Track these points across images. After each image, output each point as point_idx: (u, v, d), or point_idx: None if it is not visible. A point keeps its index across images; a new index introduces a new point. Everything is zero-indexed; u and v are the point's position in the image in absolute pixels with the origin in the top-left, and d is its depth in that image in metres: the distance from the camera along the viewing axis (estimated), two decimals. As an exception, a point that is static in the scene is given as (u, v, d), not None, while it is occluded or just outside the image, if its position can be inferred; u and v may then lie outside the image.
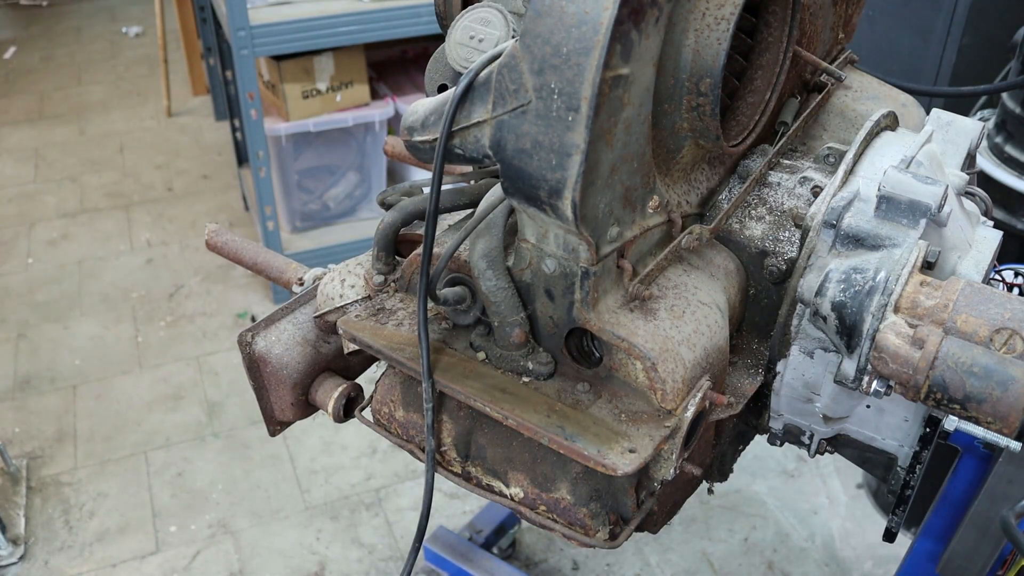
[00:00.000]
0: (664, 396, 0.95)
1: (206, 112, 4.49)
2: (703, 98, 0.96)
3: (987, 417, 0.86)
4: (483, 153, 0.89)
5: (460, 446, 1.08)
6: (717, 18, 0.94)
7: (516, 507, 1.05)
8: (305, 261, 1.53)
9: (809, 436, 1.16)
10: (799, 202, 1.12)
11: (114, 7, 5.75)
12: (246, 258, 1.40)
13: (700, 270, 1.06)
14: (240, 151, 3.61)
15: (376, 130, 3.14)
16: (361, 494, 2.50)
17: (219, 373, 2.91)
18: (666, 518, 1.16)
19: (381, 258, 1.12)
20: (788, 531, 2.39)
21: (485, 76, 0.86)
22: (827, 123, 1.28)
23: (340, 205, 3.28)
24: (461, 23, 1.02)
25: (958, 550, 1.18)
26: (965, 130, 1.19)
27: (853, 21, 1.38)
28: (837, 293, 0.94)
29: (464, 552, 2.03)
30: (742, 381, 1.10)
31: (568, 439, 0.93)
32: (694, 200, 1.08)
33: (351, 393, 1.22)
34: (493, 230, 0.99)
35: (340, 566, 2.31)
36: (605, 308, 0.96)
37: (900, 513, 1.15)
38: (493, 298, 0.98)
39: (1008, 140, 1.91)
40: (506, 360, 1.01)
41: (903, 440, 1.11)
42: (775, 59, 1.10)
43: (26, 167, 4.08)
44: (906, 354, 0.89)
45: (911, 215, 0.98)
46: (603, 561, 2.32)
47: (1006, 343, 0.87)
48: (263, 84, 3.05)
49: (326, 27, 2.78)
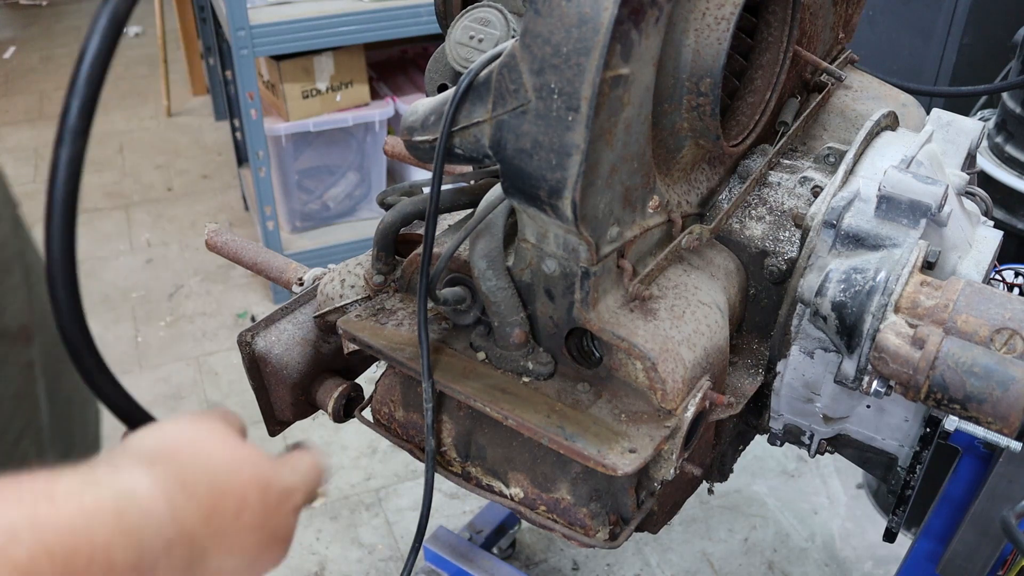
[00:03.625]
0: (664, 396, 0.95)
1: (206, 112, 4.49)
2: (703, 98, 0.96)
3: (987, 417, 0.86)
4: (483, 153, 0.89)
5: (460, 446, 1.08)
6: (717, 18, 0.94)
7: (516, 507, 1.05)
8: (305, 261, 1.52)
9: (809, 436, 1.16)
10: (799, 202, 1.12)
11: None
12: (246, 258, 1.40)
13: (700, 270, 1.06)
14: (240, 151, 3.61)
15: (376, 130, 3.14)
16: (361, 494, 2.50)
17: (219, 373, 2.91)
18: (666, 518, 1.16)
19: (381, 258, 1.12)
20: (788, 531, 2.39)
21: (485, 76, 0.86)
22: (827, 123, 1.28)
23: (340, 205, 3.28)
24: (461, 23, 1.02)
25: (958, 550, 1.18)
26: (965, 130, 1.19)
27: (853, 21, 1.38)
28: (837, 293, 0.94)
29: (464, 552, 2.03)
30: (742, 381, 1.10)
31: (568, 439, 0.93)
32: (694, 200, 1.08)
33: (351, 393, 1.22)
34: (493, 230, 0.99)
35: (340, 566, 2.30)
36: (605, 308, 0.96)
37: (900, 513, 1.15)
38: (493, 298, 0.98)
39: (1008, 140, 1.91)
40: (506, 360, 1.01)
41: (903, 440, 1.10)
42: (775, 59, 1.10)
43: (26, 167, 4.08)
44: (906, 354, 0.89)
45: (911, 215, 0.98)
46: (603, 561, 2.32)
47: (1006, 343, 0.87)
48: (263, 84, 3.05)
49: (326, 27, 2.78)
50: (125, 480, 0.54)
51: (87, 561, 0.48)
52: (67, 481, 0.51)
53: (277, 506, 0.64)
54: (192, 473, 0.59)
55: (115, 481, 0.54)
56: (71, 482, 0.51)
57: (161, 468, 0.57)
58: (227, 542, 0.60)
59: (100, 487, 0.52)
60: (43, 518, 0.48)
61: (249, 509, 0.62)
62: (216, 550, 0.59)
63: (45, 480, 0.50)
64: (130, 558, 0.51)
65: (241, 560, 0.62)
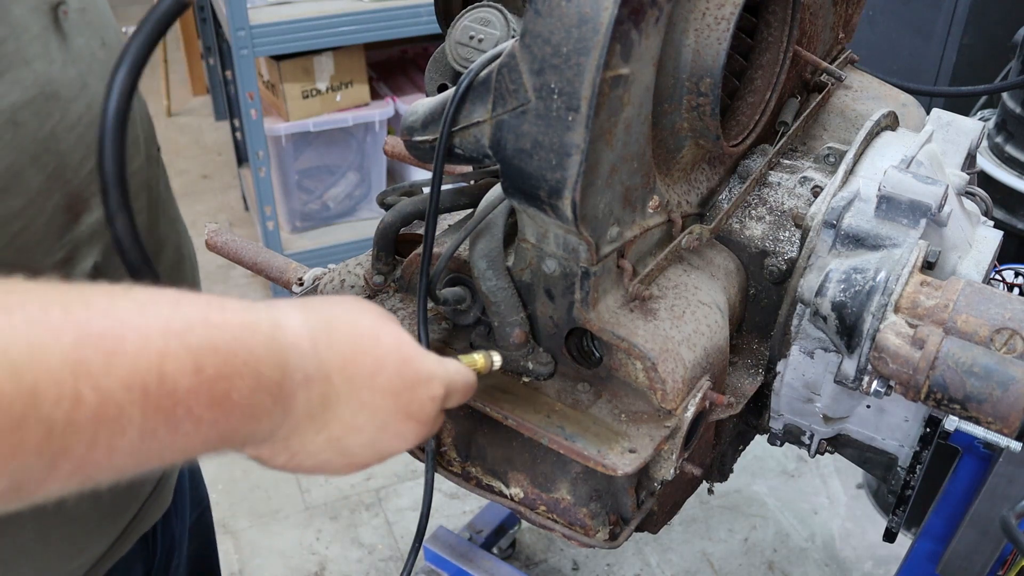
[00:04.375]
0: (664, 396, 0.95)
1: (206, 112, 4.49)
2: (703, 98, 0.96)
3: (987, 417, 0.86)
4: (483, 153, 0.89)
5: (460, 446, 1.08)
6: (717, 18, 0.94)
7: (516, 507, 1.05)
8: (305, 261, 1.53)
9: (809, 436, 1.16)
10: (799, 202, 1.12)
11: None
12: (246, 258, 1.40)
13: (700, 270, 1.06)
14: (240, 151, 3.61)
15: (376, 130, 3.14)
16: (361, 494, 2.49)
17: (219, 373, 2.91)
18: (666, 518, 1.16)
19: (381, 258, 1.12)
20: (788, 531, 2.39)
21: (485, 76, 0.86)
22: (827, 123, 1.28)
23: (340, 205, 3.28)
24: (461, 23, 1.02)
25: (958, 550, 1.18)
26: (965, 130, 1.19)
27: (853, 21, 1.38)
28: (837, 293, 0.94)
29: (464, 552, 2.03)
30: (742, 381, 1.10)
31: (568, 439, 0.93)
32: (694, 200, 1.08)
33: (351, 393, 1.21)
34: (493, 230, 0.99)
35: (340, 566, 2.31)
36: (605, 308, 0.96)
37: (900, 513, 1.15)
38: (493, 298, 0.98)
39: (1008, 140, 1.91)
40: (506, 360, 1.01)
41: (903, 440, 1.11)
42: (775, 59, 1.10)
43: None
44: (906, 354, 0.89)
45: (911, 215, 0.98)
46: (603, 561, 2.32)
47: (1006, 343, 0.87)
48: (263, 84, 3.05)
49: (326, 27, 2.78)
50: (279, 314, 0.61)
51: (242, 364, 0.56)
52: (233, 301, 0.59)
53: (414, 383, 0.69)
54: (338, 327, 0.65)
55: (271, 312, 0.61)
56: (236, 303, 0.59)
57: (314, 315, 0.64)
58: (360, 396, 0.65)
59: (259, 312, 0.60)
60: (214, 320, 0.55)
61: (385, 373, 0.66)
62: (349, 399, 0.64)
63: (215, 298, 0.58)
64: (275, 376, 0.58)
65: (372, 419, 0.66)
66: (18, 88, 0.70)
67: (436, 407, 0.71)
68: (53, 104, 0.74)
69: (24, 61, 0.71)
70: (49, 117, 0.73)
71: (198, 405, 0.53)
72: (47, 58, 0.73)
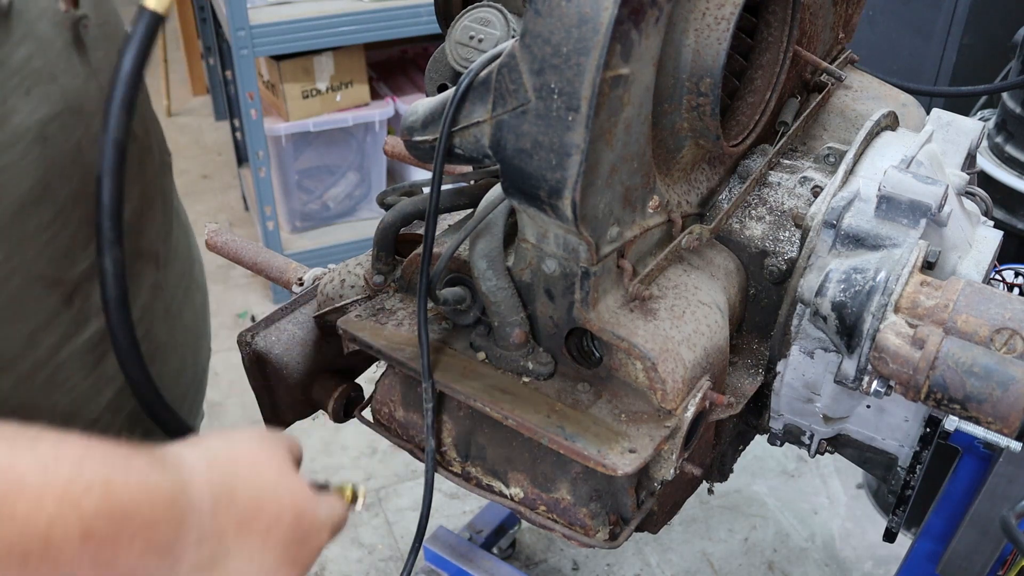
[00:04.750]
0: (664, 396, 0.95)
1: (206, 112, 4.49)
2: (703, 98, 0.96)
3: (987, 417, 0.86)
4: (483, 153, 0.89)
5: (460, 446, 1.08)
6: (717, 18, 0.94)
7: (516, 507, 1.05)
8: (305, 261, 1.53)
9: (809, 436, 1.16)
10: (799, 202, 1.12)
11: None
12: (246, 258, 1.40)
13: (700, 270, 1.06)
14: (240, 151, 3.61)
15: (376, 130, 3.14)
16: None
17: (219, 373, 2.91)
18: (666, 518, 1.16)
19: (381, 258, 1.12)
20: (788, 531, 2.39)
21: (485, 76, 0.86)
22: (827, 123, 1.28)
23: (340, 205, 3.27)
24: (461, 23, 1.02)
25: (958, 550, 1.18)
26: (965, 130, 1.19)
27: (853, 21, 1.38)
28: (837, 293, 0.94)
29: (464, 552, 2.02)
30: (742, 381, 1.10)
31: (568, 439, 0.93)
32: (694, 200, 1.08)
33: (351, 393, 1.22)
34: (493, 230, 0.99)
35: (340, 566, 2.31)
36: (605, 308, 0.96)
37: (900, 513, 1.15)
38: (493, 298, 0.98)
39: (1008, 140, 1.91)
40: (506, 360, 1.01)
41: (903, 440, 1.11)
42: (775, 59, 1.10)
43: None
44: (906, 354, 0.89)
45: (911, 215, 0.98)
46: (603, 561, 2.32)
47: (1006, 343, 0.87)
48: (263, 84, 3.05)
49: (326, 27, 2.78)
50: (185, 473, 0.63)
51: (136, 528, 0.57)
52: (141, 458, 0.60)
53: (305, 536, 0.73)
54: (242, 483, 0.68)
55: (178, 471, 0.63)
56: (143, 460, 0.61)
57: (218, 472, 0.67)
58: (250, 550, 0.68)
59: (165, 472, 0.62)
60: (116, 482, 0.57)
61: (280, 528, 0.70)
62: (238, 554, 0.67)
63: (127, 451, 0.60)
64: (168, 537, 0.60)
65: (259, 571, 0.69)
66: (46, 104, 0.71)
67: (319, 551, 0.76)
68: (78, 118, 0.74)
69: (51, 76, 0.71)
70: (74, 131, 0.74)
71: (80, 568, 0.54)
72: (71, 73, 0.74)
